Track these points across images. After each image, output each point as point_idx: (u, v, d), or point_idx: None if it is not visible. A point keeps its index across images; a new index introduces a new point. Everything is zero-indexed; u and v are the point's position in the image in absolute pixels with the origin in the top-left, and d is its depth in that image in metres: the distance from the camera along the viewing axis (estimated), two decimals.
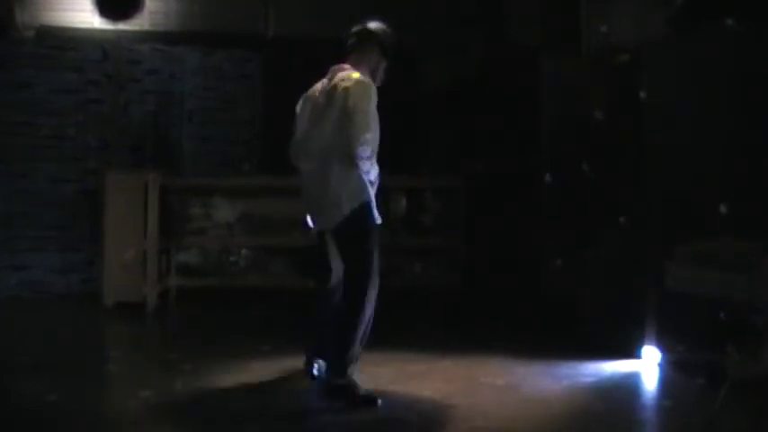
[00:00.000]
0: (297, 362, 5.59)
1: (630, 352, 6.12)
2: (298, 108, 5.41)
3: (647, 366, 5.98)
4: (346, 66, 5.22)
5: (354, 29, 5.38)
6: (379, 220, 5.13)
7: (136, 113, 9.61)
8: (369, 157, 5.01)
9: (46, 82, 9.34)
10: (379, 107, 5.12)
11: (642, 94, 6.52)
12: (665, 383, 5.71)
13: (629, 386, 5.64)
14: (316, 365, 5.40)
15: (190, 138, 9.83)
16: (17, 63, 9.32)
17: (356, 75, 5.11)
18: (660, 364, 5.96)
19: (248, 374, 5.71)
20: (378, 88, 5.18)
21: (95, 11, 9.50)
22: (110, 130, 9.49)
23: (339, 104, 5.01)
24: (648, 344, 6.06)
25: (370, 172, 5.08)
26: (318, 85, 5.30)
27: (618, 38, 7.52)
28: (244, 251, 9.22)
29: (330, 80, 5.18)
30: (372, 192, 5.10)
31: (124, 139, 9.52)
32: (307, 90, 5.42)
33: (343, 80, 5.09)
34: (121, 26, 9.70)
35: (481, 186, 9.06)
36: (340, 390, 4.96)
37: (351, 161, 4.98)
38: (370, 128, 4.97)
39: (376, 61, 5.26)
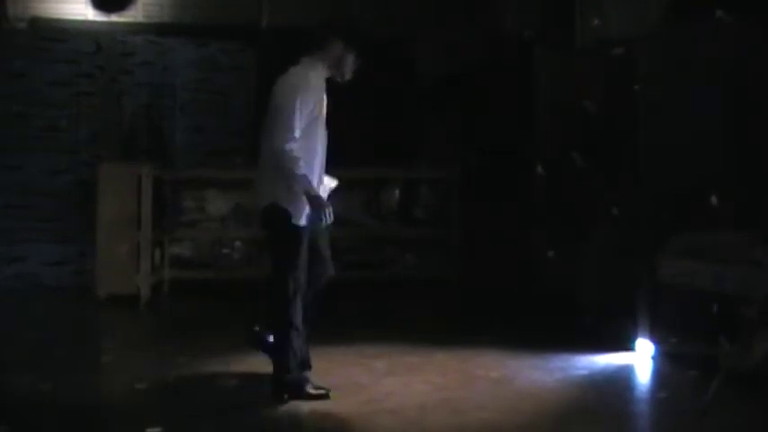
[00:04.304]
0: None
1: (624, 344, 6.13)
2: None
3: (640, 359, 5.99)
4: (302, 59, 5.10)
5: (320, 20, 5.32)
6: (302, 222, 4.89)
7: (129, 105, 9.58)
8: (294, 157, 4.77)
9: (39, 74, 9.32)
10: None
11: (636, 87, 6.53)
12: (659, 376, 5.73)
13: (622, 378, 5.65)
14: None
15: (183, 129, 9.81)
16: (9, 54, 9.29)
17: (294, 69, 5.03)
18: (653, 357, 5.97)
19: (243, 366, 5.71)
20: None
21: (89, 3, 9.50)
22: (103, 121, 9.47)
23: (271, 102, 4.98)
24: (642, 336, 6.07)
25: (297, 170, 4.78)
26: None
27: (613, 30, 7.53)
28: (237, 243, 9.20)
29: None
30: (299, 192, 4.82)
31: (117, 131, 9.49)
32: None
33: (282, 77, 5.04)
34: (115, 18, 9.69)
35: (476, 178, 9.07)
36: (286, 385, 4.91)
37: (273, 160, 4.86)
38: (293, 127, 4.78)
39: (339, 53, 5.08)
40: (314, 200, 4.84)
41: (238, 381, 5.39)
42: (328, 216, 4.86)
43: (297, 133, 4.80)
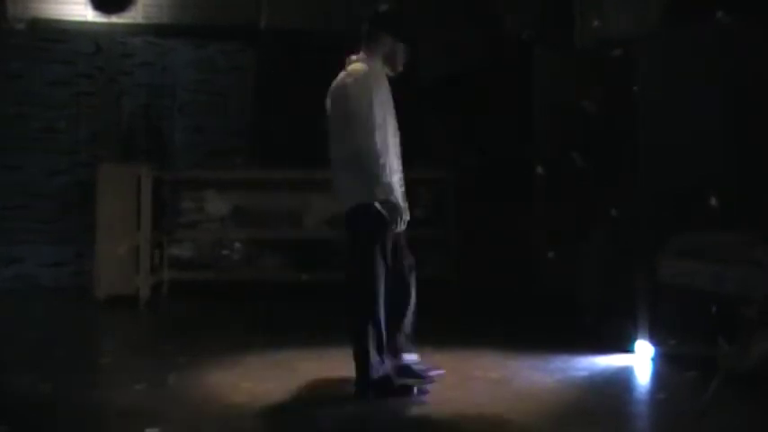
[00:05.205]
0: (290, 355, 5.59)
1: (623, 346, 6.13)
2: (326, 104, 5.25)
3: (639, 360, 5.98)
4: (354, 56, 5.08)
5: (366, 15, 5.23)
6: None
7: (128, 106, 9.59)
8: (381, 164, 4.82)
9: (38, 74, 9.33)
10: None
11: (636, 87, 6.53)
12: (658, 377, 5.71)
13: (621, 380, 5.64)
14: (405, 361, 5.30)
15: (182, 130, 9.81)
16: (9, 55, 9.30)
17: (356, 67, 4.98)
18: (653, 358, 5.96)
19: (242, 367, 5.71)
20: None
21: (88, 3, 9.49)
22: (102, 122, 9.48)
23: (341, 106, 4.92)
24: (641, 338, 6.06)
25: (383, 178, 4.85)
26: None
27: (612, 31, 7.53)
28: (236, 244, 9.20)
29: (341, 75, 5.07)
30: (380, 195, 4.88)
31: (116, 132, 9.49)
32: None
33: (343, 77, 4.99)
34: (114, 19, 9.68)
35: (476, 178, 9.06)
36: (375, 384, 4.93)
37: (356, 163, 4.86)
38: (373, 129, 4.80)
39: (390, 46, 5.09)
40: (392, 208, 4.89)
41: (238, 381, 5.38)
42: (402, 223, 4.98)
43: (377, 136, 4.80)
